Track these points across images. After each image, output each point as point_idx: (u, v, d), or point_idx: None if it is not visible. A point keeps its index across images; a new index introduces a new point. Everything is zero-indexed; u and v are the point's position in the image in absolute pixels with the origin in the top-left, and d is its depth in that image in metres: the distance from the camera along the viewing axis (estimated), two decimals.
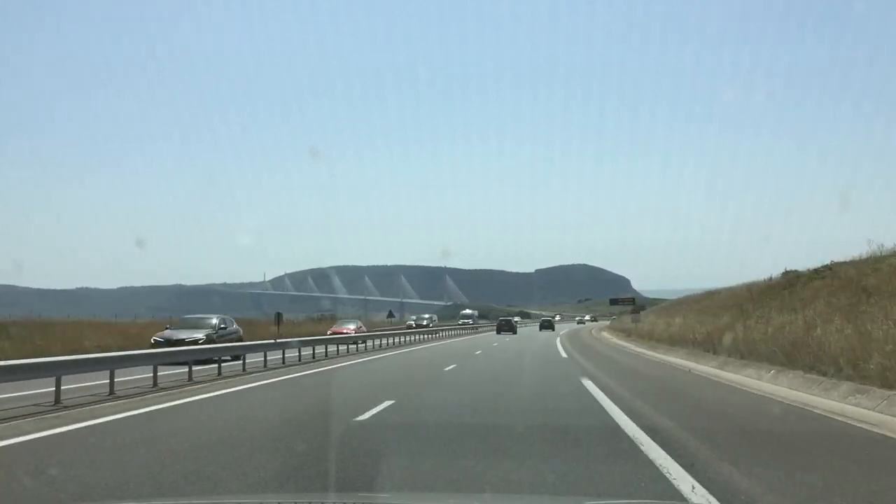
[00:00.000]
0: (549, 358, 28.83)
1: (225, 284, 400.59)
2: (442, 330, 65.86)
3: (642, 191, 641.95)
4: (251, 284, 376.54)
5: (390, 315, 67.87)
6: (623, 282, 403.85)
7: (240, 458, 7.71)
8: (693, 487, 6.25)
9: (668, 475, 6.72)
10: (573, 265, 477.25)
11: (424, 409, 12.61)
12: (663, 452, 7.76)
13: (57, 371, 12.79)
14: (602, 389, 15.00)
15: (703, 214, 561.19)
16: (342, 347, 32.68)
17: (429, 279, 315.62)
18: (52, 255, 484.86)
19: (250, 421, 11.05)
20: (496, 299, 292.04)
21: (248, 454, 7.91)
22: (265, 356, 22.75)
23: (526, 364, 25.17)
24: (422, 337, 51.81)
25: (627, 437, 8.98)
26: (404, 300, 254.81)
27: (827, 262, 24.63)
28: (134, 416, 11.38)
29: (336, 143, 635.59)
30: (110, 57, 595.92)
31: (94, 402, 12.83)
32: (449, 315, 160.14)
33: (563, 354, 30.28)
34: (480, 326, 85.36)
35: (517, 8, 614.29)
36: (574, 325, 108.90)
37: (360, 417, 10.78)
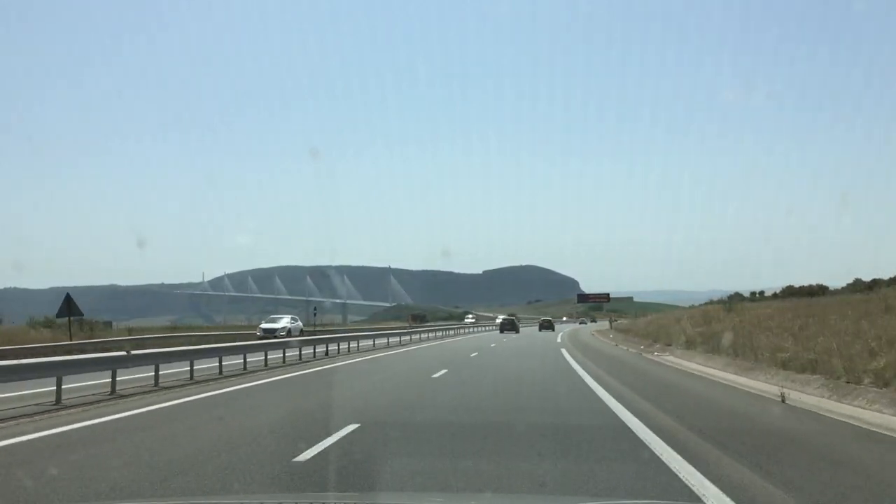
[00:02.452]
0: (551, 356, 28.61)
1: (162, 285, 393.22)
2: (438, 329, 64.60)
3: (593, 193, 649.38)
4: (189, 285, 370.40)
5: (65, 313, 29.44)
6: (572, 283, 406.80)
7: None
8: None
9: None
10: (521, 266, 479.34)
11: (397, 439, 9.46)
12: None
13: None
14: None
15: (654, 218, 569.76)
16: (331, 347, 31.93)
17: (373, 280, 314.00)
18: None
19: (161, 454, 8.36)
20: (443, 300, 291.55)
21: None
22: (220, 361, 20.54)
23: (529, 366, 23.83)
24: (417, 336, 50.91)
25: None
26: (347, 301, 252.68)
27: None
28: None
29: (333, 143, 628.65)
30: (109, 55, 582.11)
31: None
32: (392, 316, 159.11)
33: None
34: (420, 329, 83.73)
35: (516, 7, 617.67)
36: (565, 328, 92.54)
37: (302, 456, 7.87)
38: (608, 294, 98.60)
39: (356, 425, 9.92)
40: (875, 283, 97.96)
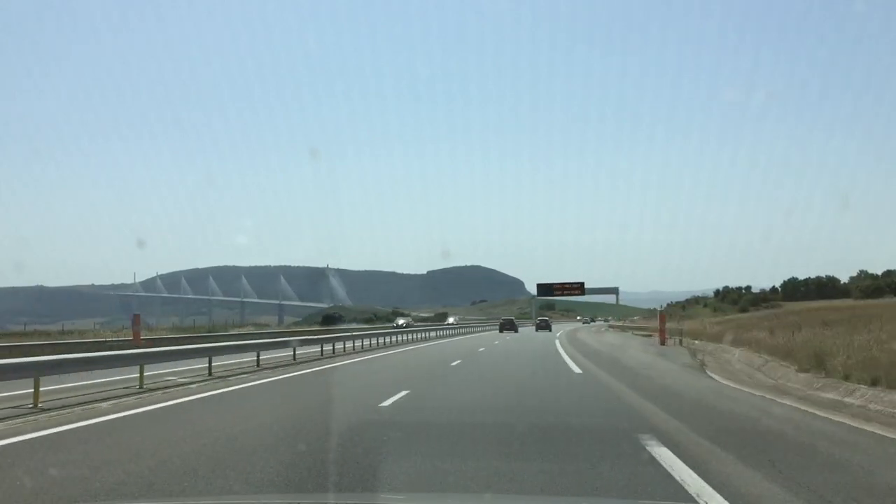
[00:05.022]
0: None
1: (93, 286, 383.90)
2: (425, 330, 61.89)
3: (544, 193, 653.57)
4: (122, 286, 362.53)
5: None
6: (517, 283, 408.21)
7: None
8: None
9: None
10: (466, 266, 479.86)
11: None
12: None
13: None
14: None
15: (607, 220, 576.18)
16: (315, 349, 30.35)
17: (311, 280, 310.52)
18: None
19: None
20: (384, 301, 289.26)
21: None
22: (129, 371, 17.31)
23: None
24: (399, 338, 48.11)
25: None
26: (284, 302, 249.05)
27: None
28: None
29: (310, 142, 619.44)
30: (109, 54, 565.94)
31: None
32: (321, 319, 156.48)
33: None
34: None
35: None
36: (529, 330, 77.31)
37: None
38: (582, 284, 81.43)
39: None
40: (889, 276, 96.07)
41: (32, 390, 13.31)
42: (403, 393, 14.78)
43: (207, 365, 20.34)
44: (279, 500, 6.20)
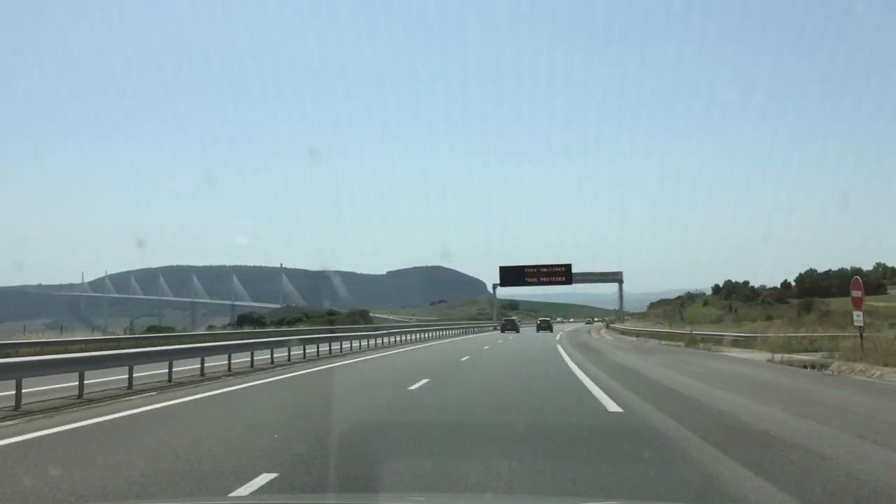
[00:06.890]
0: None
1: (40, 286, 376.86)
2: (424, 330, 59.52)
3: (503, 191, 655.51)
4: (69, 286, 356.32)
5: None
6: (479, 284, 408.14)
7: None
8: None
9: None
10: (426, 267, 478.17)
11: None
12: None
13: None
14: None
15: (571, 217, 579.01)
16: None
17: (264, 280, 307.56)
18: None
19: None
20: (342, 301, 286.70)
21: None
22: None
23: None
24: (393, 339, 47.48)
25: None
26: (236, 303, 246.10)
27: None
28: None
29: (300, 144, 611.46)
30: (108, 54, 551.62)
31: None
32: (278, 318, 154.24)
33: None
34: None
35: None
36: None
37: None
38: (568, 267, 69.80)
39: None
40: None
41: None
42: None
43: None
44: (279, 500, 6.23)
